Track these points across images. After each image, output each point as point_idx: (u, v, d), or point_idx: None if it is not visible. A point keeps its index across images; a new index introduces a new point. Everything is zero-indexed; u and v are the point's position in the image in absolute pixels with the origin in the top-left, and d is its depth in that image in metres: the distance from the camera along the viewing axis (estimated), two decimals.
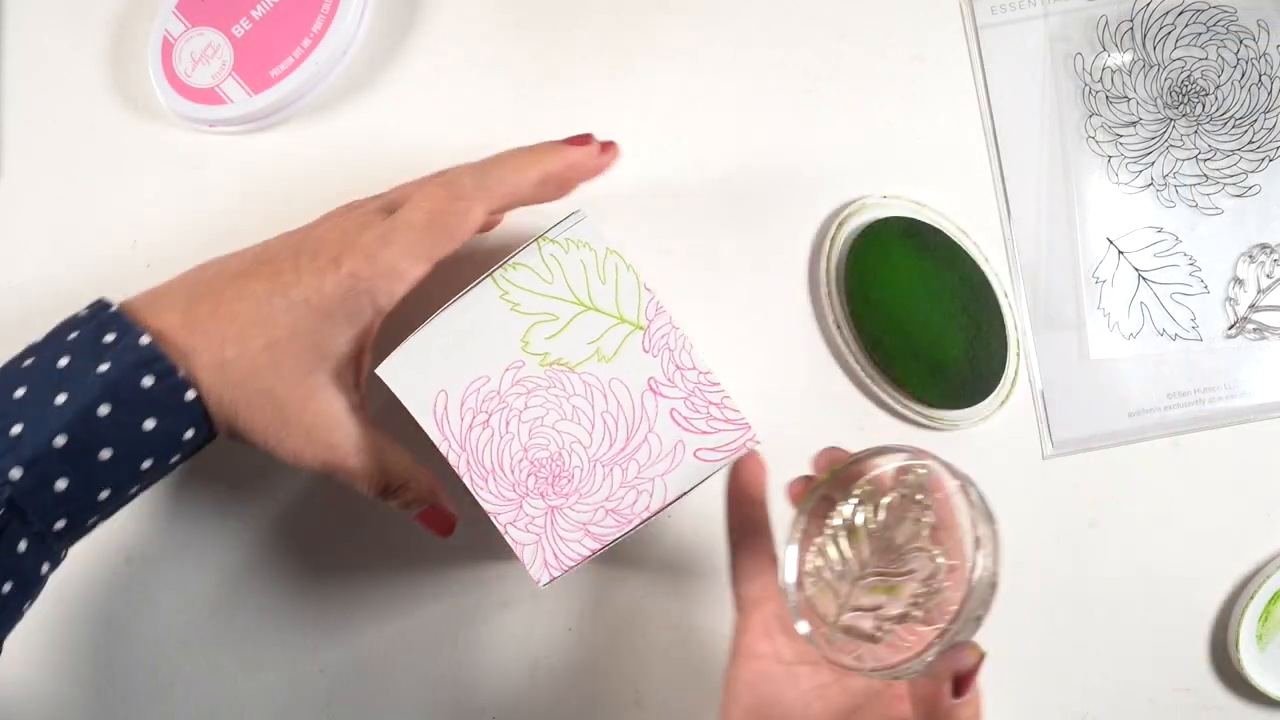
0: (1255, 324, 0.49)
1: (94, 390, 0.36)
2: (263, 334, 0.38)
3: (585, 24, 0.50)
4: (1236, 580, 0.48)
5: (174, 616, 0.48)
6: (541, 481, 0.39)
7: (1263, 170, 0.49)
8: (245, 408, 0.38)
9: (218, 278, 0.39)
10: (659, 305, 0.38)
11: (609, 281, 0.39)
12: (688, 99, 0.50)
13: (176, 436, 0.38)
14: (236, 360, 0.38)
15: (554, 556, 0.39)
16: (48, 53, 0.51)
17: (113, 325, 0.37)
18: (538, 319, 0.38)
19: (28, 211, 0.50)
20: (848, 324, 0.48)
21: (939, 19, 0.50)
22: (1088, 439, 0.48)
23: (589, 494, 0.39)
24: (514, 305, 0.38)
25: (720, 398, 0.38)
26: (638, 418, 0.39)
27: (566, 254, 0.38)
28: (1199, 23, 0.49)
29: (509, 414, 0.39)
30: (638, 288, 0.38)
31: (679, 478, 0.38)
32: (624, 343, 0.38)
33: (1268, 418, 0.49)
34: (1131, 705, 0.49)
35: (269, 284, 0.38)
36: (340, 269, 0.38)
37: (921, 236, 0.48)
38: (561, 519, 0.39)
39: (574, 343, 0.38)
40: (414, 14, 0.51)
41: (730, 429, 0.38)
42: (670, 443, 0.38)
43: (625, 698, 0.48)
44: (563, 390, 0.38)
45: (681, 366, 0.38)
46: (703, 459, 0.38)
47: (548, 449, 0.39)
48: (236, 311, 0.38)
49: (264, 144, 0.50)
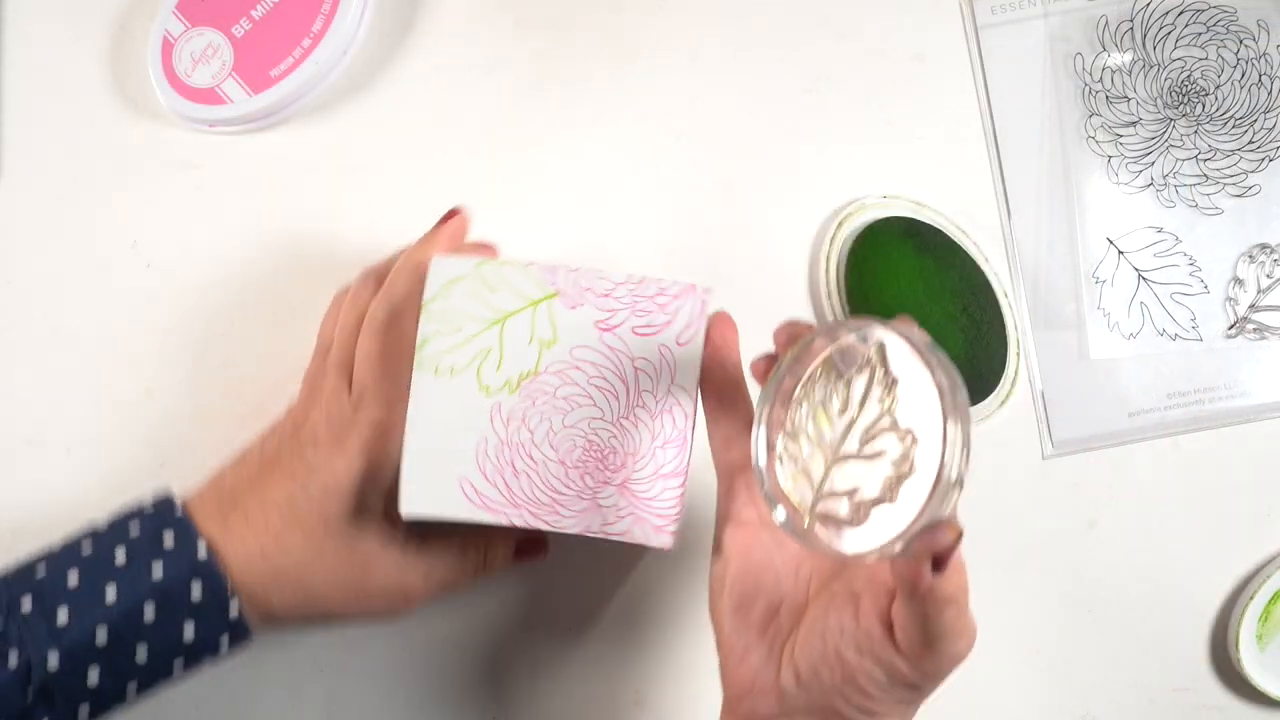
0: (1255, 324, 0.49)
1: (143, 591, 0.37)
2: (299, 531, 0.39)
3: (585, 24, 0.50)
4: (1236, 580, 0.48)
5: None
6: (595, 472, 0.39)
7: (1263, 170, 0.49)
8: (309, 603, 0.40)
9: (237, 488, 0.40)
10: (550, 266, 0.39)
11: (499, 286, 0.39)
12: (688, 99, 0.50)
13: (213, 644, 0.39)
14: (284, 568, 0.39)
15: (656, 517, 0.39)
16: (48, 53, 0.51)
17: (173, 527, 0.38)
18: (476, 363, 0.39)
19: (28, 211, 0.50)
20: None
21: (939, 19, 0.50)
22: (1088, 439, 0.48)
23: (636, 449, 0.39)
24: (451, 370, 0.39)
25: (656, 287, 0.39)
26: (616, 361, 0.39)
27: (450, 298, 0.39)
28: (1199, 23, 0.49)
29: (525, 449, 0.39)
30: (522, 270, 0.39)
31: (683, 373, 0.39)
32: (552, 318, 0.39)
33: (1268, 418, 0.49)
34: (1131, 705, 0.49)
35: (287, 486, 0.39)
36: (345, 449, 0.39)
37: (921, 236, 0.48)
38: (635, 485, 0.39)
39: (519, 353, 0.39)
40: (414, 14, 0.51)
41: (684, 301, 0.38)
42: (655, 356, 0.39)
43: (625, 698, 0.48)
44: (546, 395, 0.39)
45: (607, 292, 0.39)
46: (685, 342, 0.39)
47: (578, 446, 0.39)
48: (268, 522, 0.39)
49: (264, 144, 0.50)
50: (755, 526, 0.38)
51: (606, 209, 0.49)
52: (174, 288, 0.49)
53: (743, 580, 0.38)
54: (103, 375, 0.48)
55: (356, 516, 0.40)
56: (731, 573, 0.38)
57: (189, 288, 0.49)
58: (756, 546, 0.38)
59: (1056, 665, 0.48)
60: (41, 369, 0.48)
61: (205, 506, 0.40)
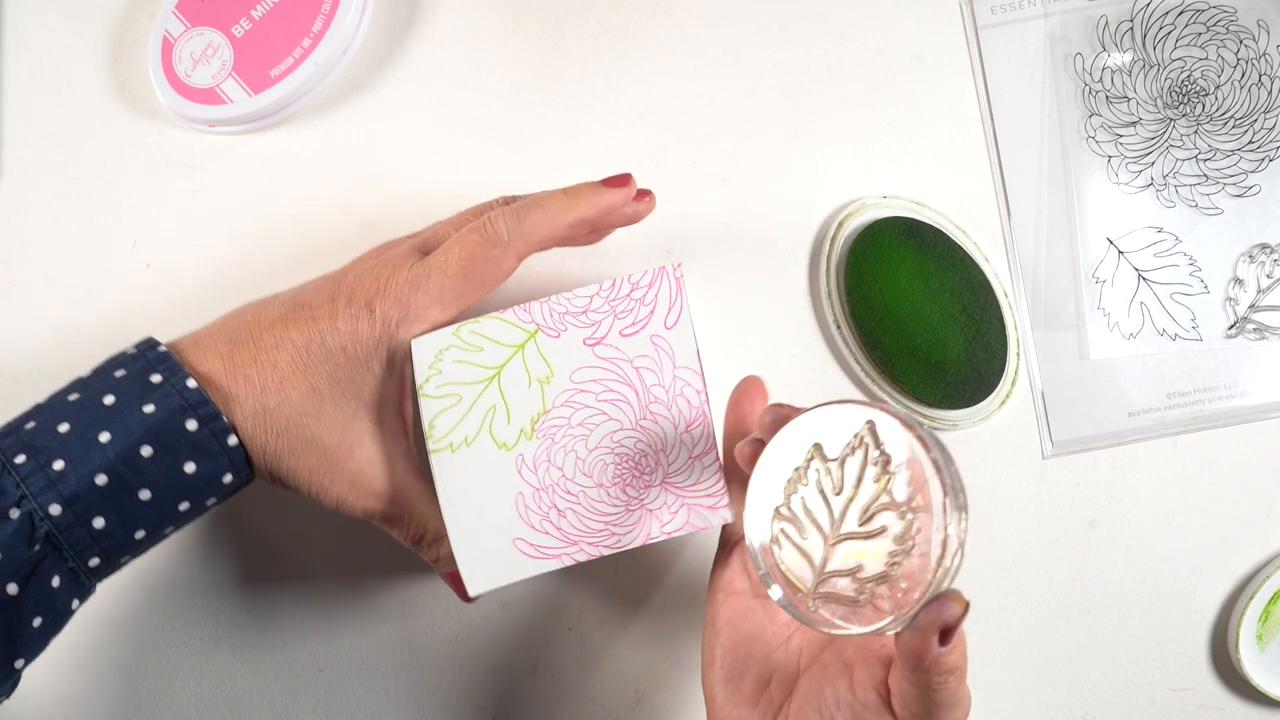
0: (1255, 324, 0.49)
1: (138, 431, 0.36)
2: (304, 382, 0.38)
3: (585, 24, 0.50)
4: (1236, 580, 0.48)
5: (174, 616, 0.48)
6: (634, 481, 0.39)
7: (1263, 170, 0.49)
8: (289, 455, 0.38)
9: (256, 324, 0.39)
10: (522, 306, 0.39)
11: (483, 345, 0.39)
12: (688, 99, 0.50)
13: (216, 480, 0.38)
14: (279, 408, 0.38)
15: (705, 498, 0.39)
16: (48, 53, 0.51)
17: (160, 366, 0.37)
18: (486, 424, 0.39)
19: (28, 211, 0.50)
20: (848, 324, 0.48)
21: (939, 19, 0.50)
22: (1088, 439, 0.48)
23: (663, 445, 0.39)
24: (465, 441, 0.39)
25: (626, 285, 0.39)
26: (616, 369, 0.39)
27: (442, 373, 0.39)
28: (1199, 23, 0.49)
29: (562, 486, 0.39)
30: (496, 320, 0.39)
31: (682, 355, 0.39)
32: (541, 354, 0.39)
33: (1268, 418, 0.49)
34: (1131, 705, 0.49)
35: (306, 331, 0.39)
36: (374, 314, 0.38)
37: (921, 236, 0.48)
38: (674, 478, 0.39)
39: (522, 399, 0.39)
40: (414, 14, 0.51)
41: (658, 287, 0.39)
42: (649, 349, 0.39)
43: (625, 698, 0.48)
44: (562, 428, 0.39)
45: (582, 310, 0.39)
46: (672, 324, 0.39)
47: (609, 465, 0.39)
48: (276, 360, 0.38)
49: (264, 144, 0.50)
50: (746, 596, 0.38)
51: None
52: (174, 288, 0.49)
53: (734, 651, 0.38)
54: None
55: (362, 394, 0.39)
56: (723, 643, 0.38)
57: (189, 288, 0.49)
58: (747, 617, 0.38)
59: (1056, 665, 0.48)
60: (41, 369, 0.48)
61: (210, 340, 0.39)
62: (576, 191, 0.41)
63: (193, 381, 0.37)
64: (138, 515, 0.37)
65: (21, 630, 0.36)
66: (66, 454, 0.35)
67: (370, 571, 0.48)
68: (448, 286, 0.39)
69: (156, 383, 0.37)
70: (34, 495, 0.35)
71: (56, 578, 0.36)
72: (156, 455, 0.36)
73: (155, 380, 0.37)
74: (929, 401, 0.47)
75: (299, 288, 0.41)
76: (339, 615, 0.48)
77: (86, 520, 0.36)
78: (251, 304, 0.41)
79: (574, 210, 0.40)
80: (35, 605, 0.36)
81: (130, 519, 0.36)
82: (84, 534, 0.36)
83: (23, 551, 0.35)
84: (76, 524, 0.35)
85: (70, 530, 0.35)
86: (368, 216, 0.49)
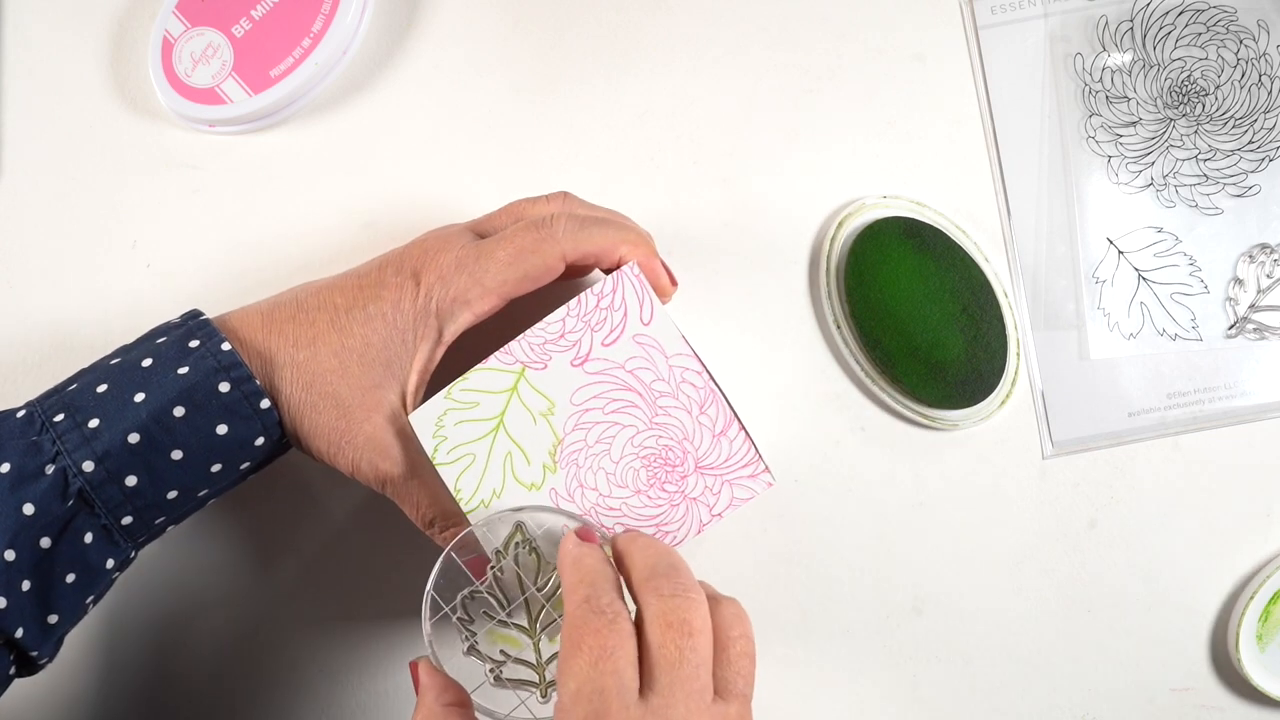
0: (1255, 324, 0.49)
1: (171, 392, 0.37)
2: (336, 339, 0.39)
3: (585, 24, 0.50)
4: (1236, 580, 0.48)
5: (175, 616, 0.48)
6: (670, 477, 0.39)
7: (1263, 170, 0.49)
8: (311, 410, 0.39)
9: (307, 289, 0.40)
10: (503, 349, 0.39)
11: (478, 400, 0.39)
12: (688, 99, 0.50)
13: (248, 442, 0.38)
14: (307, 363, 0.38)
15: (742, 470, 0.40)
16: (48, 53, 0.51)
17: (199, 332, 0.38)
18: (508, 473, 0.39)
19: (28, 211, 0.50)
20: (848, 324, 0.48)
21: (939, 19, 0.50)
22: (1088, 439, 0.48)
23: (685, 433, 0.39)
24: (495, 494, 0.39)
25: (594, 298, 0.39)
26: (612, 378, 0.39)
27: (448, 438, 0.39)
28: (1199, 23, 0.49)
29: (604, 505, 0.39)
30: (482, 371, 0.39)
31: (668, 342, 0.39)
32: (536, 388, 0.39)
33: (1268, 418, 0.49)
34: (1131, 705, 0.49)
35: (350, 296, 0.39)
36: (419, 286, 0.39)
37: (921, 236, 0.48)
38: (706, 461, 0.39)
39: (533, 437, 0.39)
40: (414, 14, 0.51)
41: (619, 288, 0.39)
42: (636, 348, 0.39)
43: None
44: (583, 450, 0.39)
45: (559, 335, 0.39)
46: (647, 319, 0.39)
47: (639, 469, 0.39)
48: (315, 319, 0.39)
49: (264, 144, 0.50)
50: None
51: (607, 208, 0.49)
52: (174, 288, 0.49)
53: None
54: None
55: (392, 364, 0.39)
56: None
57: (189, 288, 0.49)
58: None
59: (1056, 665, 0.48)
60: (41, 369, 0.48)
61: (256, 308, 0.40)
62: (641, 236, 0.41)
63: (227, 345, 0.38)
64: (170, 475, 0.37)
65: (54, 585, 0.36)
66: (102, 412, 0.36)
67: (373, 571, 0.48)
68: (493, 272, 0.39)
69: (194, 347, 0.38)
70: (69, 452, 0.36)
71: (89, 534, 0.37)
72: (189, 416, 0.37)
73: (193, 345, 0.38)
74: (929, 401, 0.47)
75: (362, 264, 0.42)
76: (341, 616, 0.48)
77: (119, 477, 0.36)
78: (316, 281, 0.42)
79: (633, 246, 0.40)
80: (68, 561, 0.36)
81: (162, 478, 0.37)
82: (116, 491, 0.36)
83: (56, 507, 0.36)
84: (109, 481, 0.36)
85: (103, 487, 0.36)
86: (368, 216, 0.49)
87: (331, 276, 0.41)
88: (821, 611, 0.48)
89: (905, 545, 0.48)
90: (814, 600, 0.48)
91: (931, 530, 0.48)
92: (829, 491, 0.48)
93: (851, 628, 0.48)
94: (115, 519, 0.37)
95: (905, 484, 0.48)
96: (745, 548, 0.48)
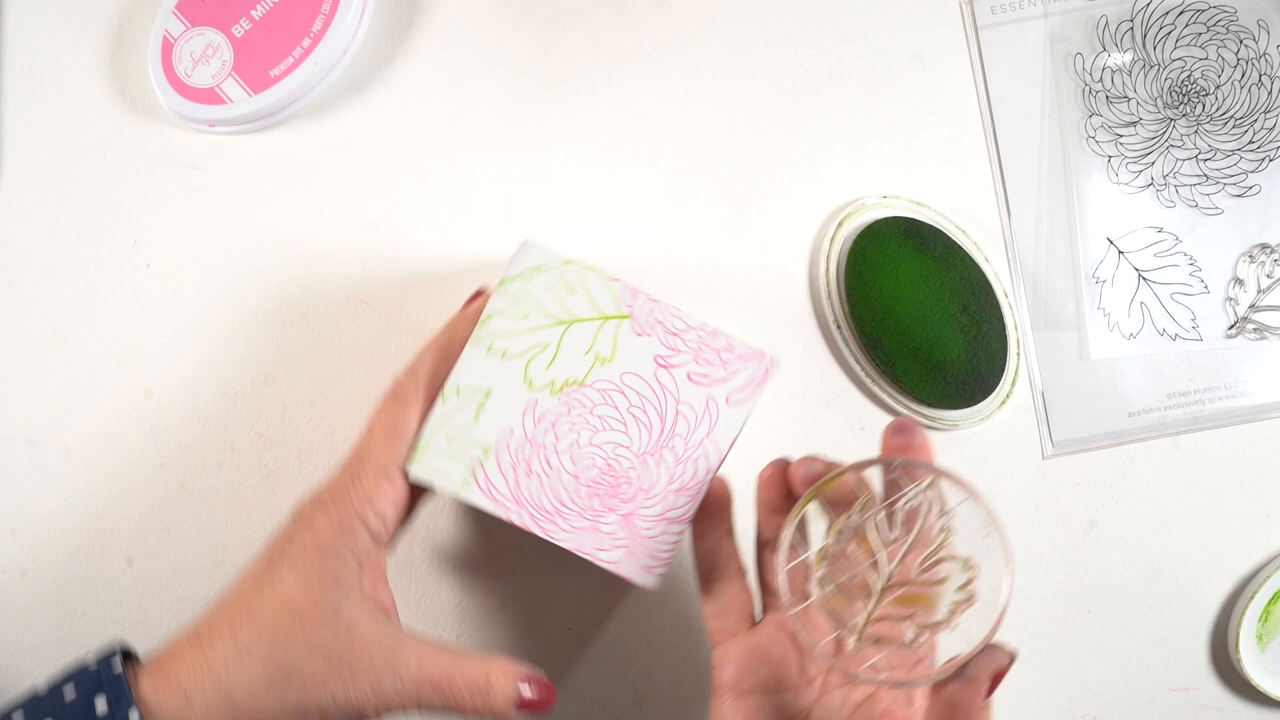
0: (1255, 324, 0.49)
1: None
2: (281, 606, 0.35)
3: (585, 24, 0.50)
4: (1236, 580, 0.48)
5: (175, 617, 0.48)
6: (605, 497, 0.39)
7: (1263, 170, 0.49)
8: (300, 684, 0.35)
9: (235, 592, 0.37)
10: (632, 288, 0.39)
11: (578, 290, 0.39)
12: (688, 99, 0.50)
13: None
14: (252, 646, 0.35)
15: (650, 558, 0.39)
16: (48, 53, 0.51)
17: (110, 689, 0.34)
18: (530, 355, 0.39)
19: (28, 211, 0.50)
20: (848, 324, 0.48)
21: (939, 19, 0.50)
22: (1088, 439, 0.48)
23: (651, 487, 0.39)
24: (503, 354, 0.39)
25: (725, 341, 0.39)
26: (662, 398, 0.39)
27: (529, 284, 0.39)
28: (1199, 23, 0.49)
29: (545, 453, 0.39)
30: (605, 283, 0.39)
31: (723, 430, 0.39)
32: (616, 337, 0.39)
33: (1268, 418, 0.49)
34: (1131, 705, 0.49)
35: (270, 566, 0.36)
36: (328, 509, 0.37)
37: (921, 236, 0.48)
38: (639, 521, 0.39)
39: (572, 360, 0.39)
40: (414, 14, 0.51)
41: (748, 363, 0.39)
42: (700, 405, 0.39)
43: (625, 698, 0.48)
44: (583, 408, 0.39)
45: (677, 331, 0.39)
46: (736, 402, 0.39)
47: (596, 466, 0.39)
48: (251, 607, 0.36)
49: (264, 144, 0.50)
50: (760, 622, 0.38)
51: (607, 208, 0.49)
52: (174, 288, 0.49)
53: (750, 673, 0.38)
54: (103, 375, 0.48)
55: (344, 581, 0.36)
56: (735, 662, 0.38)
57: (189, 288, 0.49)
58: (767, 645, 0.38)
59: (1056, 665, 0.48)
60: (41, 369, 0.48)
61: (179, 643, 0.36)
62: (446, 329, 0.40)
63: (135, 715, 0.33)
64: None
65: None
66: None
67: None
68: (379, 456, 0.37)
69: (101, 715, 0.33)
70: None
71: None
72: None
73: (100, 711, 0.34)
74: (929, 401, 0.47)
75: None
76: None
77: None
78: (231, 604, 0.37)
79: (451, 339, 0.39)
80: None
81: None
82: None
83: None
84: None
85: None
86: (368, 216, 0.49)
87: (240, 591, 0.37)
88: None
89: None
90: None
91: None
92: None
93: None
94: None
95: None
96: (744, 548, 0.48)
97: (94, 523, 0.48)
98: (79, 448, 0.48)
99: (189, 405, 0.48)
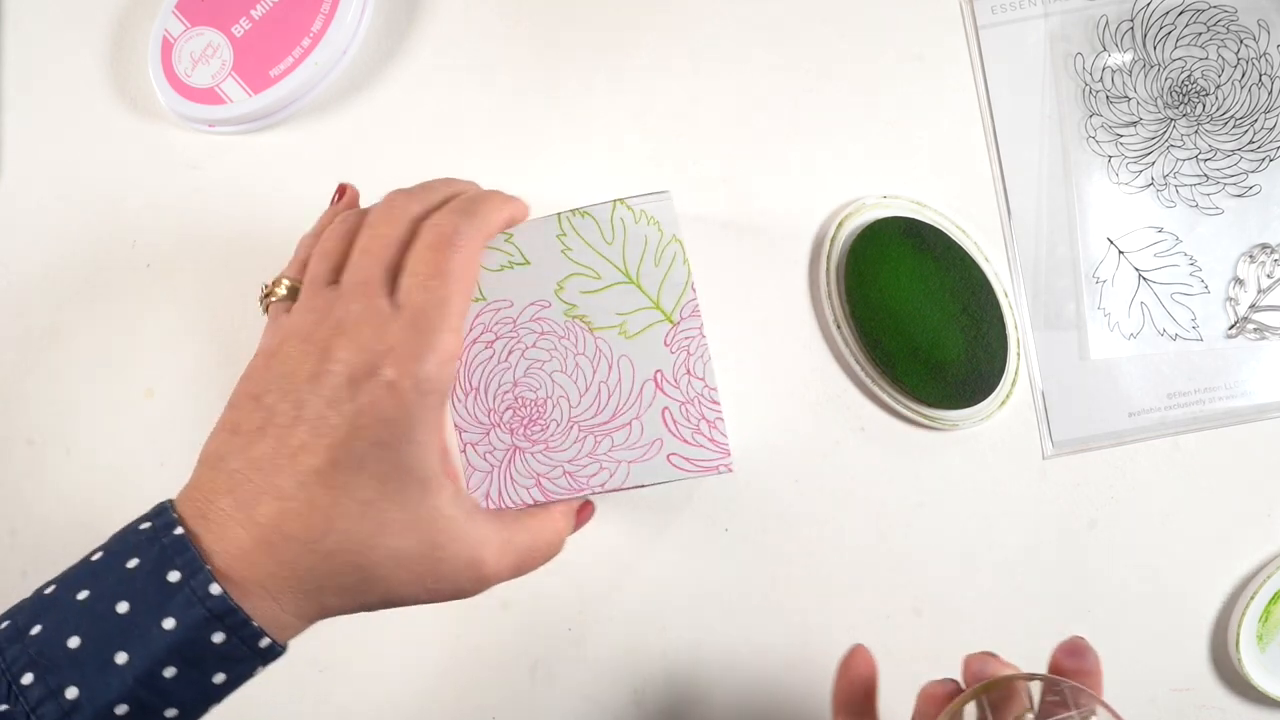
0: (1255, 324, 0.49)
1: (159, 651, 0.32)
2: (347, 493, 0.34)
3: (585, 24, 0.50)
4: (1236, 580, 0.48)
5: None
6: (517, 420, 0.39)
7: (1263, 170, 0.49)
8: (383, 583, 0.35)
9: (273, 464, 0.34)
10: (696, 308, 0.39)
11: (662, 265, 0.39)
12: (688, 99, 0.50)
13: (246, 676, 0.35)
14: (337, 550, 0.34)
15: (498, 493, 0.39)
16: (48, 53, 0.51)
17: (178, 560, 0.33)
18: (581, 271, 0.39)
19: (28, 211, 0.50)
20: (848, 324, 0.48)
21: (939, 19, 0.50)
22: (1088, 439, 0.48)
23: (555, 450, 0.39)
24: (565, 249, 0.39)
25: (715, 416, 0.39)
26: (630, 401, 0.39)
27: (635, 224, 0.39)
28: (1199, 22, 0.49)
29: (515, 344, 0.39)
30: (685, 283, 0.39)
31: (643, 471, 0.39)
32: (649, 328, 0.39)
33: (1268, 418, 0.49)
34: (1131, 705, 0.49)
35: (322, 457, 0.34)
36: (393, 388, 0.34)
37: (921, 236, 0.48)
38: (520, 462, 0.39)
39: (604, 307, 0.39)
40: (414, 14, 0.51)
41: (711, 449, 0.39)
42: (650, 436, 0.39)
43: (625, 698, 0.48)
44: (574, 345, 0.39)
45: (692, 373, 0.39)
46: (674, 464, 0.39)
47: (536, 393, 0.39)
48: (313, 502, 0.34)
49: (264, 144, 0.50)
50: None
51: None
52: (174, 288, 0.49)
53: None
54: (103, 375, 0.48)
55: (419, 466, 0.34)
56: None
57: (189, 288, 0.49)
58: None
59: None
60: (41, 369, 0.48)
61: (245, 536, 0.33)
62: (506, 195, 0.39)
63: (216, 587, 0.32)
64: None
65: None
66: (80, 678, 0.31)
67: None
68: (457, 314, 0.35)
69: (174, 582, 0.32)
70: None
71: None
72: (181, 673, 0.32)
73: (173, 580, 0.32)
74: (929, 401, 0.47)
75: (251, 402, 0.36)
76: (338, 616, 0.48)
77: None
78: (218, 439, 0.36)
79: (515, 206, 0.39)
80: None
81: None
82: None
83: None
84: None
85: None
86: None
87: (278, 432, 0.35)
88: (822, 611, 0.48)
89: (905, 545, 0.48)
90: (814, 600, 0.48)
91: (931, 530, 0.48)
92: (829, 491, 0.48)
93: (852, 628, 0.48)
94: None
95: (905, 484, 0.48)
96: (745, 548, 0.48)
97: (94, 523, 0.48)
98: (79, 448, 0.48)
99: (189, 405, 0.48)
